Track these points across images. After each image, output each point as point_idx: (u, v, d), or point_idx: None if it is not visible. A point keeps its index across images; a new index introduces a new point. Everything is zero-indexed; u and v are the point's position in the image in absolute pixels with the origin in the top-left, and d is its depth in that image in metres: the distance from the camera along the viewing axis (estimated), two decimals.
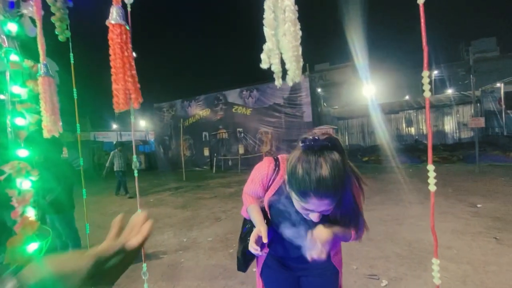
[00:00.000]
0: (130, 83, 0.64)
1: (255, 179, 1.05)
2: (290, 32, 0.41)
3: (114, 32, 0.62)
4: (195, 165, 13.54)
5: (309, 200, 0.78)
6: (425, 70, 0.42)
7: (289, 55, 0.43)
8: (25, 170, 0.91)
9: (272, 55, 0.45)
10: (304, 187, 0.77)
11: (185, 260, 3.19)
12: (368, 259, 2.91)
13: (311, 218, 0.86)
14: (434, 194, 0.50)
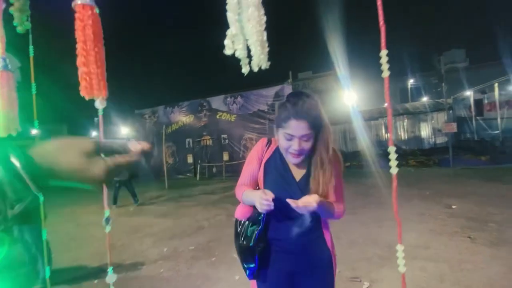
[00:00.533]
0: (101, 69, 0.60)
1: (250, 159, 1.19)
2: (254, 17, 0.41)
3: (84, 14, 0.58)
4: (178, 173, 13.23)
5: (289, 124, 0.98)
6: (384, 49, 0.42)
7: (254, 39, 0.42)
8: None
9: (236, 40, 0.44)
10: (286, 114, 0.99)
11: (164, 270, 3.06)
12: (351, 262, 2.93)
13: (293, 152, 1.01)
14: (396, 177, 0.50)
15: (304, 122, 0.97)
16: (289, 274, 1.13)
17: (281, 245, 1.12)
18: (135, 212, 6.28)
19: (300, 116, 0.96)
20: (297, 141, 0.98)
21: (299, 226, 1.07)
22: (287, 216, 1.07)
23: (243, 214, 1.14)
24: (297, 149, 0.99)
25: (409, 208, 4.81)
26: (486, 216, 4.04)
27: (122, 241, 4.16)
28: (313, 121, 0.98)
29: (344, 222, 4.31)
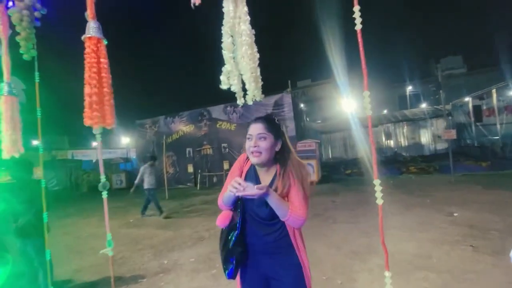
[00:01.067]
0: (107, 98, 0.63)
1: (232, 171, 1.38)
2: (247, 55, 0.44)
3: (91, 45, 0.61)
4: (178, 182, 13.20)
5: (250, 126, 1.21)
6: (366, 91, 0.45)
7: (248, 75, 0.45)
8: None
9: (231, 76, 0.47)
10: (249, 122, 1.23)
11: (165, 284, 3.04)
12: (352, 273, 2.90)
13: (252, 149, 1.19)
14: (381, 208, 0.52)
15: (260, 124, 1.19)
16: (265, 277, 1.29)
17: (255, 249, 1.27)
18: (135, 224, 6.25)
19: (257, 120, 1.21)
20: (254, 139, 1.19)
21: (269, 230, 1.24)
22: (258, 221, 1.25)
23: (223, 221, 1.29)
24: (253, 145, 1.18)
25: (410, 216, 4.78)
26: (488, 223, 4.02)
27: (122, 254, 4.14)
28: (269, 125, 1.20)
29: (345, 231, 4.30)
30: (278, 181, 1.22)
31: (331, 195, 7.49)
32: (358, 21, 0.45)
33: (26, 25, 0.80)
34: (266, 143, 1.19)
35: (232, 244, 1.24)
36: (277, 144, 1.23)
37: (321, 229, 4.47)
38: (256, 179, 1.28)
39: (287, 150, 1.26)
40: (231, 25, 0.44)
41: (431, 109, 14.54)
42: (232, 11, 0.44)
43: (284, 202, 1.17)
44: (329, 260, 3.27)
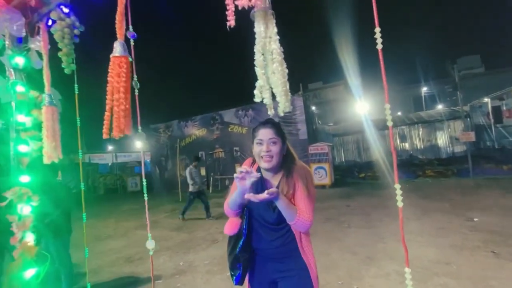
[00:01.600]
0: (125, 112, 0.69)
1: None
2: (278, 71, 0.48)
3: (114, 63, 0.68)
4: None
5: (259, 132, 1.23)
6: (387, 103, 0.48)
7: (279, 90, 0.50)
8: (26, 196, 0.94)
9: (263, 90, 0.52)
10: (256, 126, 1.28)
11: (181, 285, 3.10)
12: (368, 278, 2.87)
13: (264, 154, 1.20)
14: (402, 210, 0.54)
15: (270, 129, 1.22)
16: (273, 281, 1.30)
17: (262, 253, 1.29)
18: (150, 226, 6.39)
19: (266, 125, 1.24)
20: (266, 144, 1.20)
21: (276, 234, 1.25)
22: (265, 226, 1.26)
23: (231, 229, 1.30)
24: (265, 150, 1.20)
25: (428, 221, 4.66)
26: (510, 229, 3.86)
27: (139, 255, 4.25)
28: (277, 130, 1.24)
29: (360, 236, 4.24)
30: (283, 184, 1.23)
31: (344, 199, 7.40)
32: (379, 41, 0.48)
33: (67, 42, 0.88)
34: (277, 147, 1.21)
35: (238, 250, 1.25)
36: (284, 148, 1.26)
37: (336, 234, 4.43)
38: (263, 184, 1.28)
39: (291, 154, 1.30)
40: (262, 44, 0.49)
41: (448, 110, 14.11)
42: (263, 32, 0.48)
43: (292, 205, 1.18)
44: (344, 265, 3.24)
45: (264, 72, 0.51)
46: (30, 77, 1.03)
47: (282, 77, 0.50)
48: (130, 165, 18.47)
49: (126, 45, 0.73)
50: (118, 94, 0.73)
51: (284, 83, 0.50)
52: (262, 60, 0.50)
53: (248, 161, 1.39)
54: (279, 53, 0.50)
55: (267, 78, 0.51)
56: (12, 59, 0.97)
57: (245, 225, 1.26)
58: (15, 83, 0.96)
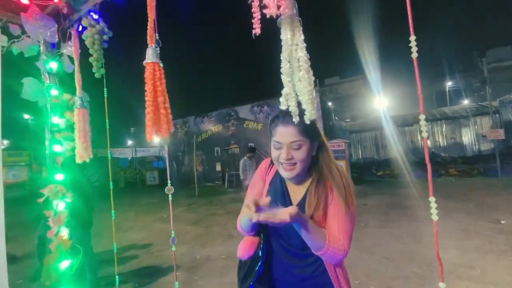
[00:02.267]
0: (163, 115, 0.72)
1: (254, 182, 1.10)
2: (305, 79, 0.49)
3: (149, 70, 0.71)
4: (207, 181, 13.64)
5: (277, 131, 0.90)
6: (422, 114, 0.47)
7: (306, 98, 0.50)
8: (61, 192, 1.01)
9: (289, 98, 0.52)
10: (274, 118, 0.93)
11: (198, 278, 3.20)
12: (386, 279, 2.82)
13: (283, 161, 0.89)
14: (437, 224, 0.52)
15: (292, 127, 0.86)
16: None
17: (284, 286, 0.97)
18: (168, 220, 6.60)
19: (288, 121, 0.86)
20: (286, 149, 0.88)
21: (303, 263, 0.94)
22: (289, 250, 0.95)
23: (246, 251, 1.00)
24: (285, 157, 0.88)
25: (450, 223, 4.48)
26: None
27: (158, 247, 4.42)
28: (304, 128, 0.85)
29: (378, 236, 4.16)
30: (311, 196, 0.91)
31: (361, 197, 7.26)
32: (414, 50, 0.46)
33: (97, 47, 0.92)
34: (302, 153, 0.88)
35: (255, 279, 0.95)
36: (314, 148, 0.93)
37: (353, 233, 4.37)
38: (283, 194, 0.97)
39: (325, 152, 0.96)
40: (289, 52, 0.49)
41: (474, 106, 13.35)
42: (290, 39, 0.49)
43: (319, 230, 0.85)
44: (361, 265, 3.19)
45: (290, 80, 0.51)
46: (62, 81, 1.09)
47: (308, 85, 0.50)
48: (149, 159, 19.07)
49: (157, 51, 0.75)
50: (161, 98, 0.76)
51: (311, 91, 0.50)
52: (288, 68, 0.51)
53: (265, 164, 1.10)
54: (306, 61, 0.50)
55: (293, 86, 0.51)
56: (46, 64, 1.03)
57: (262, 247, 0.96)
58: (50, 86, 1.03)
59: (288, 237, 0.94)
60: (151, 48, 0.72)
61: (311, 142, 0.90)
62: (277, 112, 0.93)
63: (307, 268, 0.93)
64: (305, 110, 0.52)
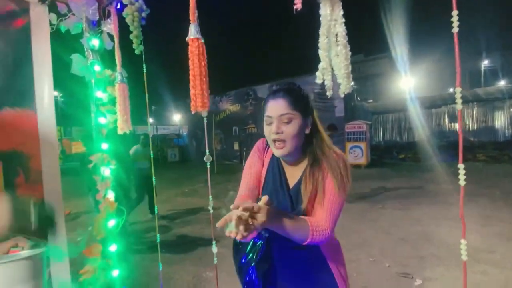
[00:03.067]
0: (205, 89, 0.78)
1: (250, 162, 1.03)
2: (342, 54, 0.51)
3: (193, 45, 0.76)
4: (225, 159, 13.97)
5: (268, 106, 0.88)
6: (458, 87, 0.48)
7: (342, 72, 0.52)
8: (106, 160, 1.12)
9: (325, 72, 0.55)
10: (266, 97, 0.91)
11: (220, 247, 3.42)
12: (402, 258, 2.87)
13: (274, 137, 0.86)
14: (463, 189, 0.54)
15: (282, 100, 0.85)
16: None
17: (283, 264, 0.97)
18: (189, 193, 6.94)
19: (277, 95, 0.86)
20: (276, 122, 0.85)
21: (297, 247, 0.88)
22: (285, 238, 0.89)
23: None
24: (275, 131, 0.84)
25: (473, 208, 4.37)
26: None
27: (183, 218, 4.72)
28: (295, 100, 0.85)
29: (395, 217, 4.17)
30: (307, 179, 0.88)
31: (380, 179, 7.17)
32: (455, 25, 0.46)
33: (136, 25, 0.97)
34: (293, 127, 0.84)
35: (258, 259, 0.95)
36: (307, 125, 0.89)
37: (368, 214, 4.40)
38: (281, 176, 0.95)
39: (318, 132, 0.93)
40: (327, 27, 0.51)
41: (511, 87, 12.34)
42: (329, 15, 0.50)
43: (298, 224, 0.79)
44: (376, 244, 3.26)
45: (327, 55, 0.54)
46: (103, 57, 1.17)
47: (345, 60, 0.52)
48: (170, 137, 19.71)
49: (199, 28, 0.79)
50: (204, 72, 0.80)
51: (347, 65, 0.53)
52: (326, 43, 0.53)
53: (262, 144, 1.05)
54: (344, 36, 0.51)
55: (330, 61, 0.54)
56: (89, 41, 1.11)
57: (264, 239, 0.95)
58: (93, 62, 1.11)
59: None
60: (193, 24, 0.75)
61: (303, 117, 0.87)
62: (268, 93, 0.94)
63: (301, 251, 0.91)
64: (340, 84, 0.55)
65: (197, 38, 0.74)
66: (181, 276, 2.78)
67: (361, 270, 2.68)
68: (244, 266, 0.98)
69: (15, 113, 0.97)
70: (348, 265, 1.07)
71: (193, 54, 0.73)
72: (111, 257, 1.08)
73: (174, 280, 2.70)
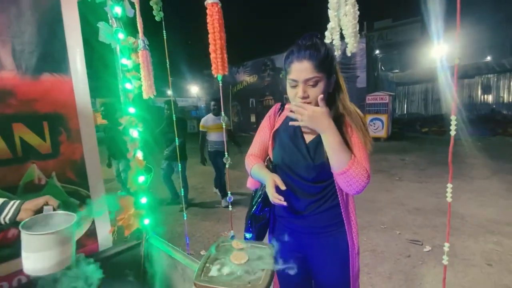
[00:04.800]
0: (224, 52, 0.83)
1: (262, 126, 1.07)
2: (350, 13, 0.52)
3: (213, 10, 0.79)
4: (242, 131, 14.11)
5: (292, 68, 0.84)
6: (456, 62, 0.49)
7: (349, 31, 0.54)
8: (134, 123, 1.23)
9: (334, 32, 0.57)
10: (288, 54, 0.86)
11: (236, 211, 3.66)
12: (413, 227, 2.93)
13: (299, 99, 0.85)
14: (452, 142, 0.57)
15: (308, 62, 0.81)
16: (302, 259, 1.00)
17: (289, 225, 0.99)
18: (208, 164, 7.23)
19: (303, 56, 0.81)
20: (302, 86, 0.83)
21: (313, 194, 0.93)
22: (295, 188, 0.94)
23: (252, 184, 1.07)
24: (301, 95, 0.83)
25: (496, 182, 4.25)
26: None
27: (202, 185, 5.02)
28: (320, 62, 0.81)
29: (411, 189, 4.17)
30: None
31: (400, 153, 7.03)
32: None
33: None
34: (319, 89, 0.83)
35: (255, 209, 1.00)
36: (331, 84, 0.88)
37: (384, 185, 4.42)
38: (296, 133, 0.95)
39: (340, 89, 0.92)
40: None
41: None
42: None
43: (344, 146, 0.83)
44: (389, 212, 3.33)
45: (336, 14, 0.55)
46: (125, 25, 1.22)
47: (353, 19, 0.54)
48: (188, 109, 20.05)
49: None
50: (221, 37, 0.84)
51: (355, 25, 0.54)
52: (335, 3, 0.54)
53: (275, 108, 1.07)
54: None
55: (339, 20, 0.56)
56: (112, 9, 1.16)
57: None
58: (117, 30, 1.17)
59: (298, 169, 0.93)
60: None
61: (327, 78, 0.84)
62: (292, 47, 0.86)
63: (318, 201, 0.93)
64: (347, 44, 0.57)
65: (216, 3, 0.77)
66: (202, 234, 3.06)
67: (371, 235, 2.79)
68: (247, 215, 1.04)
69: (53, 78, 1.07)
70: (360, 231, 1.12)
71: (213, 18, 0.77)
72: (142, 207, 1.24)
73: (196, 237, 2.97)
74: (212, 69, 0.83)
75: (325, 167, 0.87)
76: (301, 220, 0.95)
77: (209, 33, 0.78)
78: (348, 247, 0.95)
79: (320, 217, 0.93)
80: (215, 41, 0.78)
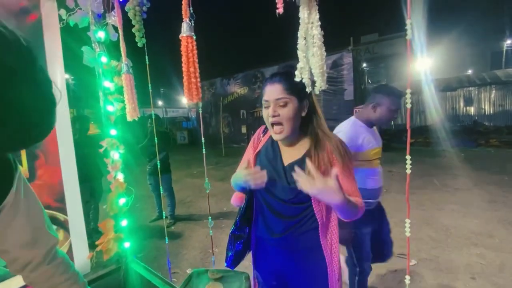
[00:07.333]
0: (194, 83, 0.85)
1: (247, 148, 1.13)
2: (317, 55, 0.56)
3: (184, 43, 0.82)
4: (233, 142, 14.12)
5: (265, 90, 0.92)
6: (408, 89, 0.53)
7: (317, 71, 0.58)
8: (115, 145, 1.23)
9: (303, 71, 0.61)
10: (265, 80, 0.94)
11: (225, 226, 3.61)
12: (399, 240, 2.95)
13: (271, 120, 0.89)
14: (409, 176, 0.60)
15: (279, 85, 0.88)
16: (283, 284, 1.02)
17: (270, 247, 1.00)
18: (197, 175, 7.17)
19: (274, 80, 0.90)
20: (272, 106, 0.88)
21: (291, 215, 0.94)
22: (274, 209, 0.96)
23: (239, 200, 1.11)
24: (271, 114, 0.88)
25: (479, 193, 4.37)
26: None
27: (190, 198, 4.94)
28: (290, 85, 0.87)
29: (398, 202, 4.23)
30: (313, 156, 0.89)
31: (387, 164, 7.16)
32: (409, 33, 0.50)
33: (138, 18, 1.02)
34: (289, 110, 0.87)
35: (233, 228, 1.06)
36: (304, 108, 0.91)
37: None
38: (275, 153, 0.98)
39: (316, 114, 0.94)
40: (305, 29, 0.55)
41: None
42: (306, 18, 0.55)
43: (352, 201, 0.83)
44: None
45: (305, 55, 0.59)
46: (109, 48, 1.24)
47: (320, 60, 0.57)
48: (179, 120, 19.95)
49: (191, 24, 0.85)
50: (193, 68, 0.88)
51: (322, 65, 0.58)
52: (304, 44, 0.58)
53: (259, 130, 1.12)
54: (320, 38, 0.56)
55: (307, 60, 0.59)
56: (96, 33, 1.18)
57: (246, 199, 1.05)
58: (100, 54, 1.18)
59: (276, 190, 0.94)
60: (185, 22, 0.81)
61: (299, 101, 0.89)
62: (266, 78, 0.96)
63: (294, 226, 0.93)
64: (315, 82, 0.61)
65: (188, 36, 0.80)
66: (189, 251, 2.99)
67: None
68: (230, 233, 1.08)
69: None
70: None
71: (183, 51, 0.80)
72: (122, 231, 1.22)
73: (182, 255, 2.91)
74: (185, 96, 0.85)
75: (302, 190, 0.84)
76: (280, 242, 0.95)
77: (183, 63, 0.80)
78: (327, 274, 0.94)
79: (298, 240, 0.93)
80: (189, 72, 0.81)
